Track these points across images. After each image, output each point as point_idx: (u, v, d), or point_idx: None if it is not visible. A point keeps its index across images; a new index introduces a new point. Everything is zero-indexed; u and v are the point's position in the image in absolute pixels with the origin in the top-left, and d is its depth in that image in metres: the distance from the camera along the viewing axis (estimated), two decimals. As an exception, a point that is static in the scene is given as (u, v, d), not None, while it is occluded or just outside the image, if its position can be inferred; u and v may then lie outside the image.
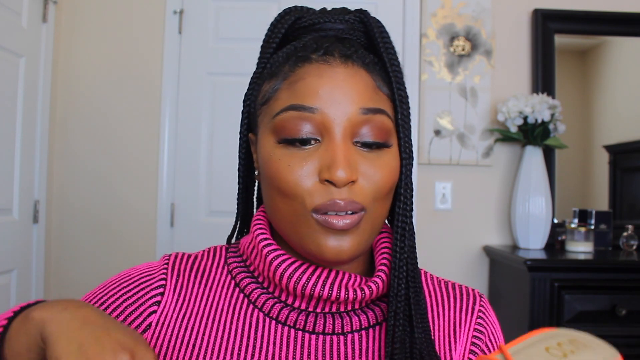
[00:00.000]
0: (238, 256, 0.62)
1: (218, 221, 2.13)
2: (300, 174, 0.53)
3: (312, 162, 0.53)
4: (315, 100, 0.53)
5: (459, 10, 2.17)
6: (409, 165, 0.57)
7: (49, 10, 2.09)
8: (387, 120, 0.55)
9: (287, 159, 0.53)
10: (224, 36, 2.20)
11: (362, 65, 0.55)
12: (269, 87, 0.57)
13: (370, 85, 0.55)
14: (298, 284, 0.55)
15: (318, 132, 0.53)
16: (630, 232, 2.03)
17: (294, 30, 0.59)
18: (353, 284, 0.57)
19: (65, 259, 2.19)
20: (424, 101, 2.16)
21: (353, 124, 0.53)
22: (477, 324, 0.62)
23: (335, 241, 0.53)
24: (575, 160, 2.25)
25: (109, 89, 2.20)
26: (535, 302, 1.69)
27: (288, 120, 0.53)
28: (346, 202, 0.52)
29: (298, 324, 0.57)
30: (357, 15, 0.59)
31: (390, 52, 0.57)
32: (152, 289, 0.59)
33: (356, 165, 0.53)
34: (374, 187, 0.54)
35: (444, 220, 2.17)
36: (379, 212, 0.55)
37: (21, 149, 1.97)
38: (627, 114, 2.26)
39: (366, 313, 0.58)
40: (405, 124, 0.57)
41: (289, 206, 0.54)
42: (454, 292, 0.64)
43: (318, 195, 0.52)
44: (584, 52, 2.31)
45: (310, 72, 0.54)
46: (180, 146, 2.19)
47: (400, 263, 0.55)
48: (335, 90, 0.53)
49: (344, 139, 0.53)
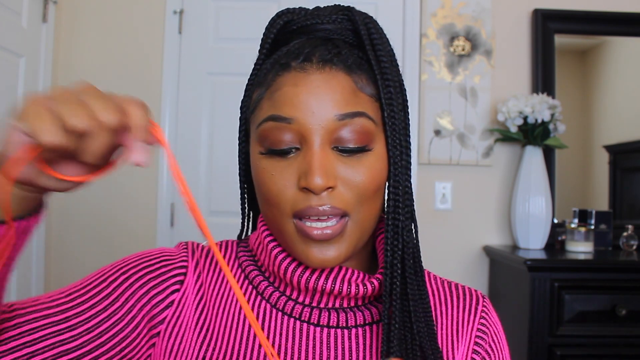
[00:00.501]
0: (248, 251, 0.64)
1: (218, 221, 2.13)
2: (282, 183, 0.54)
3: (292, 170, 0.54)
4: (290, 110, 0.54)
5: (459, 10, 2.17)
6: (402, 162, 0.56)
7: (49, 10, 2.09)
8: (367, 122, 0.55)
9: (270, 169, 0.55)
10: (224, 36, 2.20)
11: (343, 68, 0.55)
12: (256, 95, 0.59)
13: (348, 88, 0.55)
14: (302, 277, 0.57)
15: (297, 141, 0.54)
16: (630, 232, 2.03)
17: (284, 34, 0.60)
18: (356, 279, 0.58)
19: (65, 259, 2.19)
20: (424, 101, 2.16)
21: (330, 131, 0.53)
22: (480, 324, 0.62)
23: (319, 251, 0.54)
24: (575, 160, 2.25)
25: (108, 88, 2.17)
26: (535, 302, 1.69)
27: (269, 130, 0.55)
28: (326, 208, 0.53)
29: (303, 316, 0.58)
30: (345, 14, 0.59)
31: (378, 48, 0.56)
32: (175, 268, 0.60)
33: (334, 171, 0.53)
34: (355, 192, 0.54)
35: (444, 220, 2.17)
36: (367, 215, 0.56)
37: (21, 149, 1.97)
38: (627, 114, 2.26)
39: (370, 309, 0.60)
40: (395, 121, 0.56)
41: (274, 214, 0.56)
42: (457, 292, 0.65)
43: (298, 203, 0.54)
44: (584, 52, 2.31)
45: (287, 81, 0.55)
46: (180, 146, 2.19)
47: (395, 261, 0.55)
48: (311, 98, 0.53)
49: (321, 146, 0.53)
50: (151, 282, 0.58)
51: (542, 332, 1.68)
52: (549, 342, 1.68)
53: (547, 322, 1.68)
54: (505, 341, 0.65)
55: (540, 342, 1.68)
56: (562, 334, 1.69)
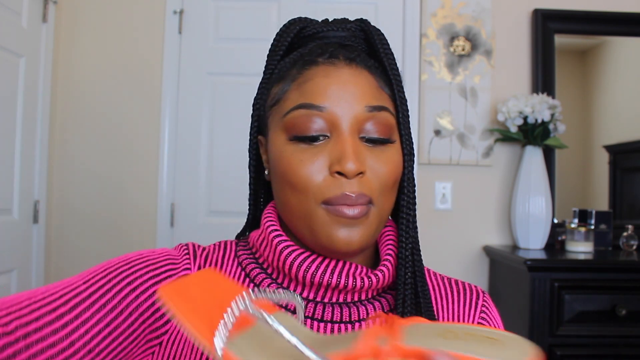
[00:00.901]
0: (247, 249, 0.64)
1: (218, 221, 2.14)
2: (311, 169, 0.55)
3: (323, 157, 0.56)
4: (323, 99, 0.56)
5: (459, 10, 2.17)
6: (411, 161, 0.61)
7: (49, 10, 2.09)
8: (390, 117, 0.59)
9: (299, 155, 0.56)
10: (224, 36, 2.20)
11: (365, 67, 0.59)
12: (278, 89, 0.61)
13: (373, 84, 0.59)
14: (307, 272, 0.57)
15: (327, 129, 0.56)
16: (630, 232, 2.03)
17: (299, 38, 0.64)
18: (360, 272, 0.59)
19: (65, 259, 2.19)
20: (424, 101, 2.16)
21: (359, 121, 0.57)
22: (481, 318, 0.64)
23: (346, 232, 0.55)
24: (575, 160, 2.25)
25: (109, 89, 2.20)
26: (535, 302, 1.69)
27: (298, 117, 0.57)
28: (357, 195, 0.55)
29: (307, 312, 0.58)
30: (358, 24, 0.64)
31: (390, 58, 0.61)
32: (179, 271, 0.59)
33: (364, 158, 0.56)
34: (380, 180, 0.57)
35: (444, 220, 2.17)
36: (385, 206, 0.58)
37: (21, 149, 1.97)
38: (627, 114, 2.26)
39: (373, 304, 0.60)
40: (405, 123, 0.61)
41: (300, 200, 0.56)
42: (457, 287, 0.66)
43: (329, 188, 0.55)
44: (584, 52, 2.31)
45: (317, 73, 0.58)
46: (180, 146, 2.19)
47: (406, 252, 0.59)
48: (342, 89, 0.57)
49: (351, 135, 0.56)
50: (154, 287, 0.56)
51: (542, 332, 1.68)
52: (549, 342, 1.68)
53: (547, 322, 1.68)
54: None
55: (540, 342, 1.68)
56: (562, 334, 1.69)
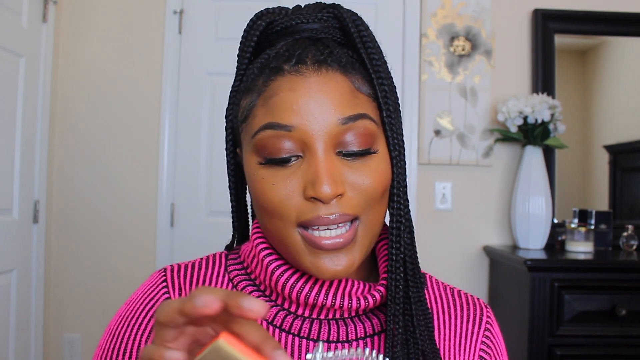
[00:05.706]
0: (239, 263, 0.61)
1: (218, 221, 2.13)
2: (285, 193, 0.51)
3: (296, 179, 0.51)
4: (290, 117, 0.50)
5: (459, 10, 2.17)
6: (400, 162, 0.55)
7: (49, 10, 2.09)
8: (370, 123, 0.53)
9: (271, 179, 0.52)
10: (224, 36, 2.20)
11: (338, 68, 0.53)
12: (246, 103, 0.55)
13: (347, 89, 0.52)
14: (301, 293, 0.54)
15: (299, 149, 0.51)
16: (630, 232, 2.03)
17: (267, 35, 0.56)
18: (356, 291, 0.56)
19: (65, 259, 2.19)
20: (424, 101, 2.16)
21: (333, 136, 0.51)
22: (485, 337, 0.62)
23: (330, 262, 0.51)
24: (575, 160, 2.25)
25: (108, 88, 2.20)
26: (535, 302, 1.69)
27: (267, 139, 0.51)
28: (336, 216, 0.51)
29: (302, 332, 0.56)
30: (331, 11, 0.56)
31: (368, 46, 0.54)
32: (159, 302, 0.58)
33: (341, 177, 0.51)
34: (364, 195, 0.52)
35: (444, 220, 2.17)
36: (375, 217, 0.54)
37: (21, 149, 1.97)
38: (627, 114, 2.26)
39: (370, 320, 0.58)
40: (392, 121, 0.54)
41: (277, 227, 0.53)
42: (460, 301, 0.63)
43: (305, 213, 0.51)
44: (584, 52, 2.31)
45: (283, 86, 0.52)
46: (180, 146, 2.19)
47: (397, 264, 0.54)
48: (311, 103, 0.50)
49: (326, 152, 0.51)
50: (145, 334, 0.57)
51: (542, 332, 1.68)
52: (549, 342, 1.68)
53: (547, 322, 1.68)
54: (505, 351, 0.64)
55: (540, 342, 1.68)
56: (562, 334, 1.69)
